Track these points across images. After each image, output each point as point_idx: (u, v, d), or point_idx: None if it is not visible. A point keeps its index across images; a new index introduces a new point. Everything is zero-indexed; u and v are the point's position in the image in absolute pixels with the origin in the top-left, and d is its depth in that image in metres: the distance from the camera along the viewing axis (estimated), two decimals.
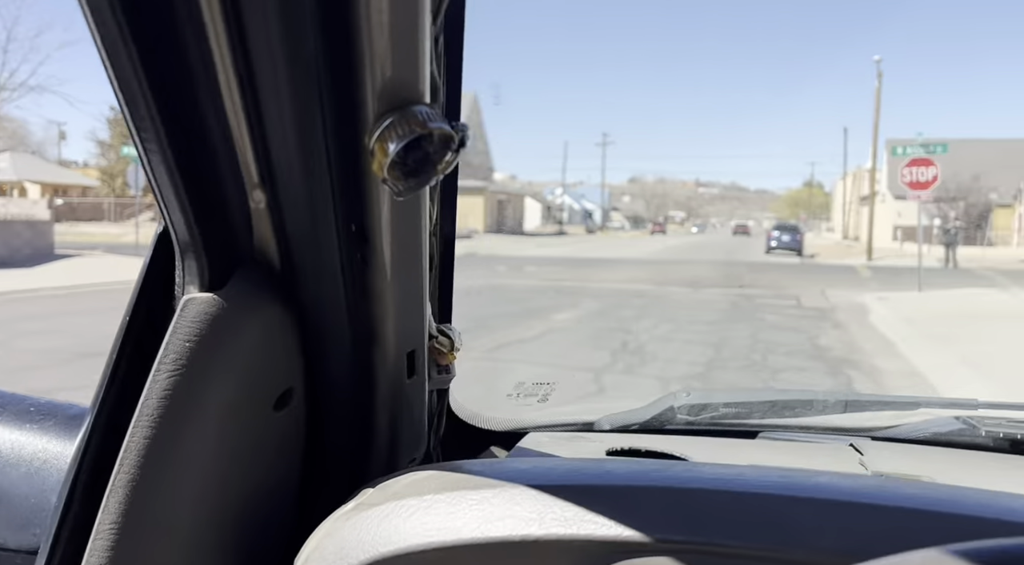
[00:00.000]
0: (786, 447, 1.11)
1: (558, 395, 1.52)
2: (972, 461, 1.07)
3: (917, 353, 8.19)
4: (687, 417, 1.19)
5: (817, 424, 1.18)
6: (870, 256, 30.64)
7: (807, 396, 1.27)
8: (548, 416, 1.29)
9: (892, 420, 1.18)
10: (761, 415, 1.20)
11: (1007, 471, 1.05)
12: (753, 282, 18.45)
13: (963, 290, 14.97)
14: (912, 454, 1.08)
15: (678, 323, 10.35)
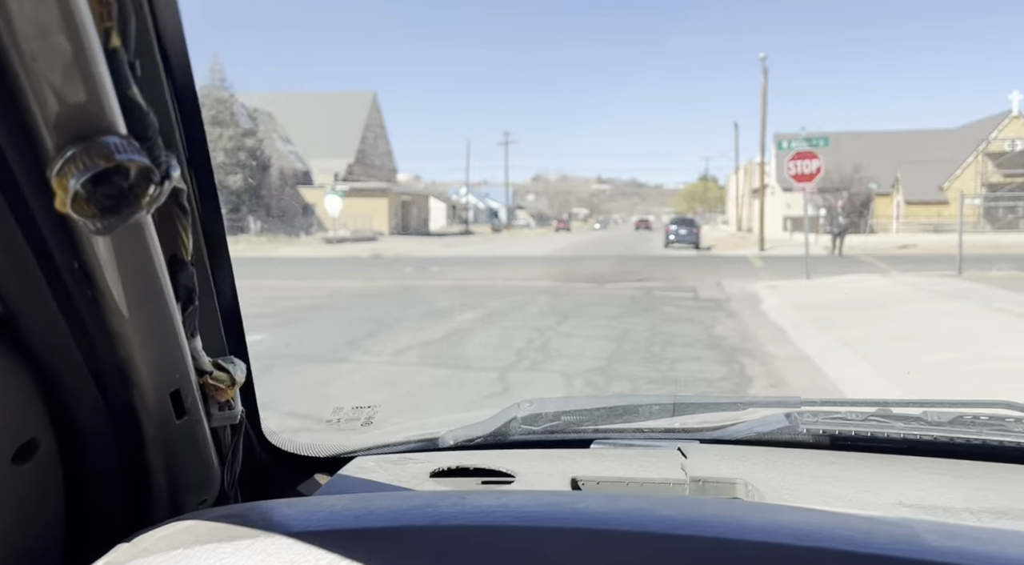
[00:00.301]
0: (615, 454, 1.13)
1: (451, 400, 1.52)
2: (791, 459, 1.10)
3: (805, 339, 8.61)
4: (530, 427, 1.20)
5: (653, 427, 1.21)
6: (762, 247, 32.03)
7: (641, 400, 1.31)
8: (389, 435, 1.28)
9: (722, 421, 1.22)
10: (599, 421, 1.23)
11: (821, 467, 1.08)
12: (652, 275, 18.98)
13: (847, 277, 15.83)
14: (734, 455, 1.11)
15: (582, 319, 10.53)
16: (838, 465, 1.08)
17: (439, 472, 1.08)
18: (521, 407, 1.26)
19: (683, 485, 1.03)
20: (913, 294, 11.53)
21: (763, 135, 32.94)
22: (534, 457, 1.12)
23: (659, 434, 1.20)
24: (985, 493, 0.98)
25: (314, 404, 5.45)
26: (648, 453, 1.13)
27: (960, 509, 0.93)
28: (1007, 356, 6.55)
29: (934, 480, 1.03)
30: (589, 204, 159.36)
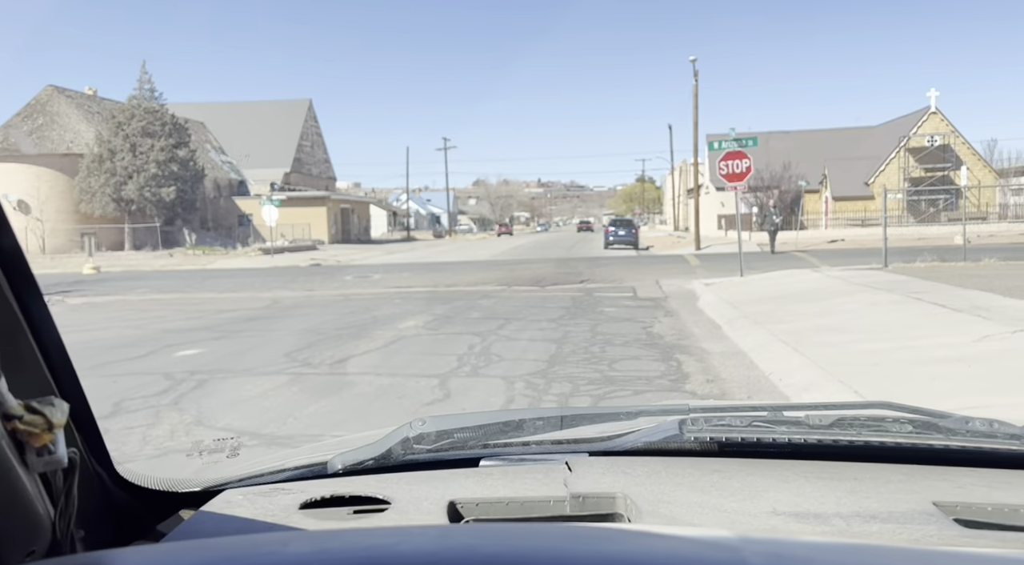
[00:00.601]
0: (501, 472, 1.13)
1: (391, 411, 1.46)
2: (675, 469, 1.11)
3: (740, 334, 8.83)
4: (421, 447, 1.19)
5: (542, 440, 1.21)
6: (699, 245, 32.65)
7: (533, 414, 1.30)
8: (271, 463, 1.23)
9: (613, 431, 1.22)
10: (490, 437, 1.23)
11: (704, 476, 1.09)
12: (593, 277, 19.17)
13: (780, 272, 16.26)
14: (619, 468, 1.11)
15: (523, 322, 10.59)
16: (720, 473, 1.09)
17: (310, 503, 1.05)
18: (413, 426, 1.25)
19: (563, 502, 1.03)
20: (842, 287, 11.92)
21: (695, 136, 33.60)
22: (417, 480, 1.11)
23: (549, 447, 1.19)
24: (857, 496, 1.01)
25: (251, 419, 5.36)
26: (534, 469, 1.13)
27: (832, 514, 0.96)
28: (929, 344, 6.83)
29: (812, 485, 1.05)
30: (530, 207, 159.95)
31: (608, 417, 1.34)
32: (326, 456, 1.22)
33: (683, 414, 1.25)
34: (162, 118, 43.35)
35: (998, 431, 1.15)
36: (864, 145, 52.32)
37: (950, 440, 1.13)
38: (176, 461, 4.42)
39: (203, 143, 55.49)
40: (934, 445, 1.12)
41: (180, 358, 8.15)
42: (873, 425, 1.18)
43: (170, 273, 26.64)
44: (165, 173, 42.32)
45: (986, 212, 42.89)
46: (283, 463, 1.24)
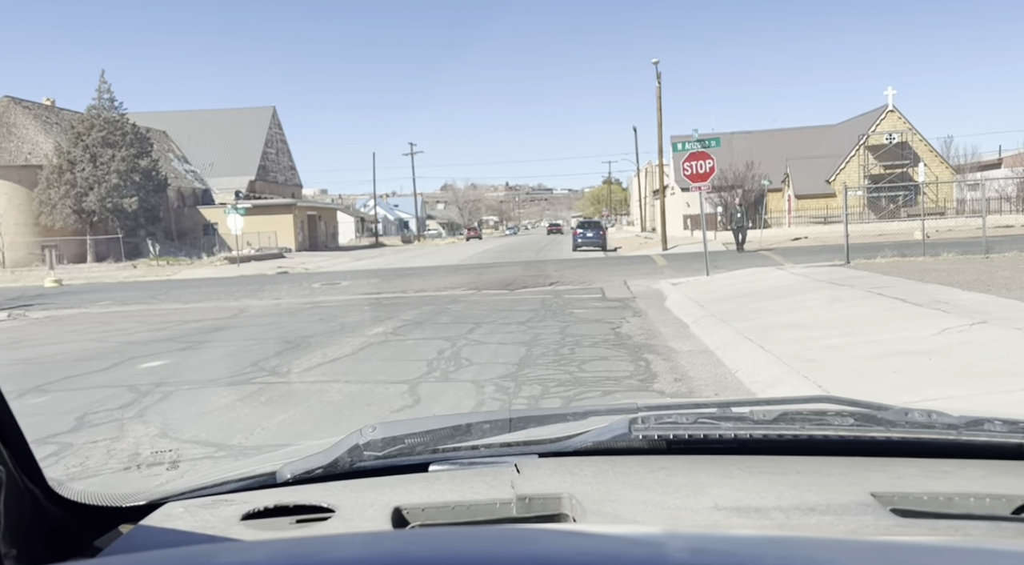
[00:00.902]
0: (449, 477, 1.14)
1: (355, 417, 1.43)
2: (622, 468, 1.12)
3: (707, 332, 8.92)
4: (372, 453, 1.18)
5: (492, 443, 1.21)
6: (665, 246, 32.95)
7: (483, 417, 1.30)
8: (220, 474, 1.22)
9: (562, 432, 1.22)
10: (440, 442, 1.22)
11: (650, 474, 1.10)
12: (562, 279, 19.25)
13: (745, 270, 16.47)
14: (567, 468, 1.12)
15: (493, 325, 10.59)
16: (666, 470, 1.10)
17: (253, 514, 1.04)
18: (363, 433, 1.25)
19: (510, 504, 1.04)
20: (806, 284, 12.11)
21: (660, 138, 33.92)
22: (363, 487, 1.10)
23: (498, 450, 1.20)
24: (799, 489, 1.03)
25: (218, 430, 5.30)
26: (482, 472, 1.13)
27: (772, 508, 0.98)
28: (891, 338, 6.97)
29: (756, 479, 1.07)
30: (499, 211, 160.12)
31: (558, 418, 1.34)
32: (276, 466, 1.21)
33: (632, 413, 1.26)
34: (123, 128, 42.66)
35: (936, 421, 1.17)
36: (825, 144, 53.20)
37: (890, 432, 1.14)
38: (139, 475, 4.35)
39: (166, 152, 54.70)
40: (875, 437, 1.14)
41: (145, 370, 8.03)
42: (816, 419, 1.20)
43: (134, 284, 26.21)
44: (127, 183, 41.64)
45: (944, 207, 43.84)
46: (230, 474, 1.23)
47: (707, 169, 15.39)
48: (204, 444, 4.94)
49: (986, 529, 0.91)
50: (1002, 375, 5.16)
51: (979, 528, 0.91)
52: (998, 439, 1.13)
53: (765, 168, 47.96)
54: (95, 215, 41.36)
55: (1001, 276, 11.64)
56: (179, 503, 1.12)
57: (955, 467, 1.09)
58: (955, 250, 17.89)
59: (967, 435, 1.14)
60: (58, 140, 42.32)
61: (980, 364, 5.55)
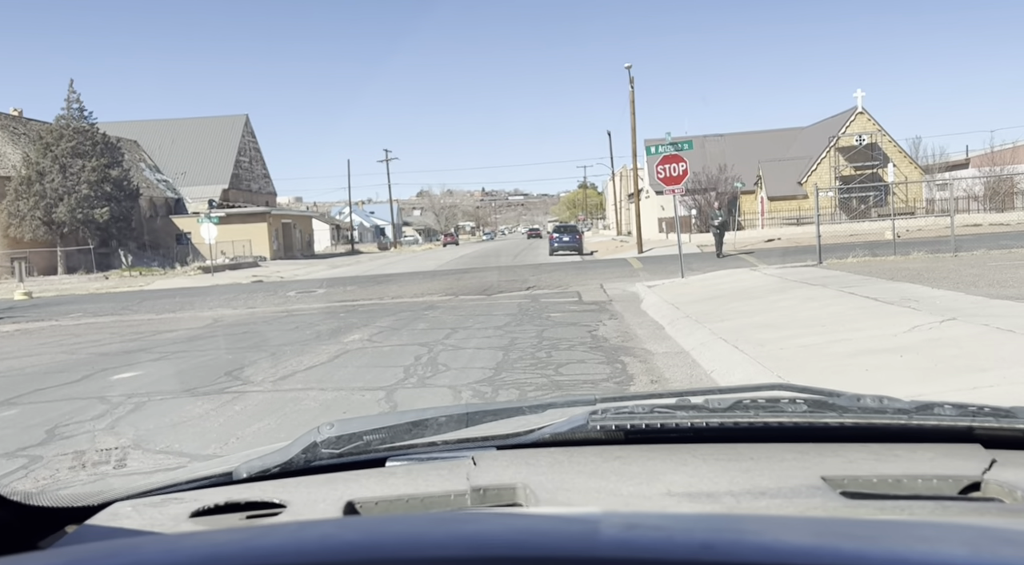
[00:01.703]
0: (405, 471, 1.13)
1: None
2: (578, 458, 1.12)
3: (682, 334, 8.98)
4: (329, 450, 1.17)
5: (449, 439, 1.21)
6: (641, 249, 33.13)
7: (441, 412, 1.29)
8: (174, 475, 1.20)
9: (521, 426, 1.22)
10: (397, 438, 1.21)
11: (605, 463, 1.10)
12: (539, 283, 19.28)
13: (719, 272, 16.60)
14: (523, 460, 1.12)
15: (470, 330, 10.58)
16: (622, 459, 1.11)
17: (203, 511, 1.03)
18: (321, 431, 1.23)
19: (464, 496, 1.04)
20: (779, 285, 12.23)
21: (634, 142, 34.12)
22: (316, 483, 1.09)
23: (456, 445, 1.19)
24: (751, 475, 1.04)
25: (191, 440, 5.24)
26: (439, 466, 1.13)
27: (723, 493, 0.99)
28: (863, 336, 7.06)
29: (710, 466, 1.08)
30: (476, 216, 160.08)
31: (517, 412, 1.34)
32: (232, 466, 1.20)
33: (590, 405, 1.26)
34: (93, 138, 42.12)
35: (887, 407, 1.19)
36: (796, 146, 53.83)
37: (842, 417, 1.15)
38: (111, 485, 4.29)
39: (137, 162, 54.07)
40: (828, 423, 1.15)
41: (117, 381, 7.92)
42: (770, 406, 1.21)
43: (106, 296, 25.85)
44: (98, 194, 41.09)
45: (914, 207, 44.51)
46: (184, 475, 1.22)
47: (680, 172, 15.50)
48: (178, 455, 4.88)
49: (931, 509, 0.92)
50: (971, 371, 5.24)
51: (925, 508, 0.92)
52: (947, 423, 1.15)
53: (738, 170, 48.42)
54: (65, 226, 40.76)
55: (969, 274, 11.84)
56: (128, 502, 1.11)
57: (906, 451, 1.11)
58: (925, 249, 18.17)
59: (918, 419, 1.15)
60: (26, 151, 41.70)
61: (950, 360, 5.64)
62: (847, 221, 41.94)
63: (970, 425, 1.14)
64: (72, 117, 42.43)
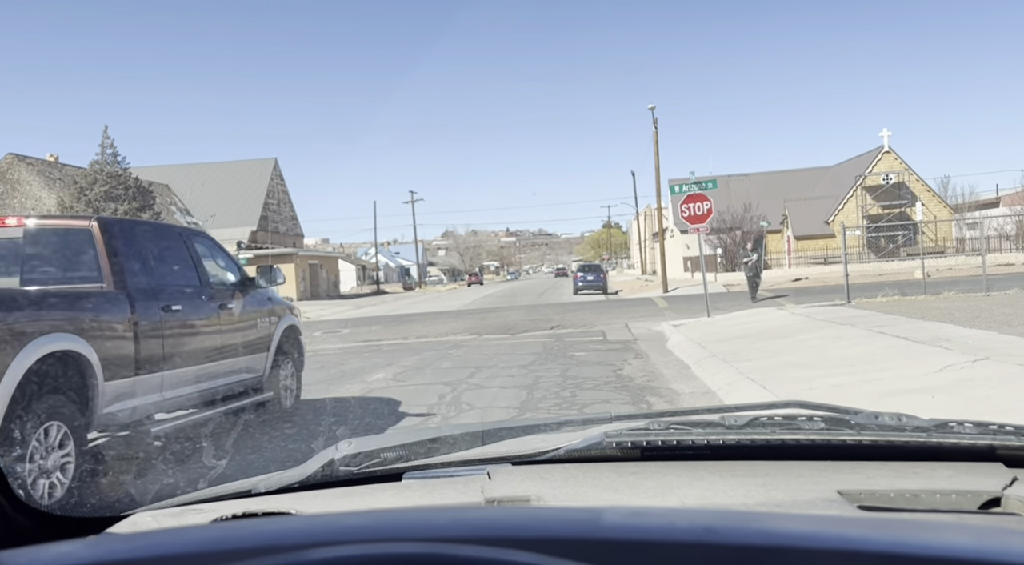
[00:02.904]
0: (420, 485, 1.14)
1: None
2: (593, 473, 1.12)
3: (708, 373, 8.88)
4: (347, 468, 1.19)
5: (465, 457, 1.21)
6: (666, 288, 32.99)
7: (457, 431, 1.30)
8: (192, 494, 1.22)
9: (537, 444, 1.22)
10: (414, 455, 1.22)
11: (620, 477, 1.10)
12: (563, 322, 19.22)
13: (745, 311, 16.45)
14: (538, 475, 1.12)
15: (494, 369, 10.55)
16: (637, 474, 1.10)
17: (220, 520, 1.04)
18: (339, 448, 1.24)
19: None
20: (807, 324, 12.08)
21: (658, 181, 34.23)
22: (334, 496, 1.11)
23: (472, 462, 1.20)
24: (767, 489, 1.03)
25: None
26: (454, 481, 1.14)
27: (737, 505, 0.98)
28: (893, 376, 6.93)
29: (725, 481, 1.07)
30: (500, 256, 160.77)
31: (532, 429, 1.33)
32: (252, 484, 1.22)
33: (606, 423, 1.25)
34: (125, 182, 43.11)
35: (906, 424, 1.17)
36: (822, 185, 53.64)
37: (860, 435, 1.14)
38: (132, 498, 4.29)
39: (168, 205, 55.19)
40: (846, 440, 1.13)
41: None
42: (786, 423, 1.20)
43: None
44: None
45: (944, 246, 43.96)
46: (204, 492, 1.24)
47: (705, 211, 15.49)
48: None
49: (950, 522, 0.90)
50: (1008, 413, 5.11)
51: (943, 521, 0.91)
52: (968, 441, 1.12)
53: (763, 210, 48.29)
54: None
55: (1002, 313, 11.62)
56: (147, 513, 1.12)
57: (925, 469, 1.09)
58: (956, 288, 17.89)
59: (937, 437, 1.13)
60: (61, 195, 42.75)
61: (984, 401, 5.51)
62: (875, 260, 41.47)
63: (991, 443, 1.11)
64: (106, 162, 43.53)
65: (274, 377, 7.37)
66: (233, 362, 6.61)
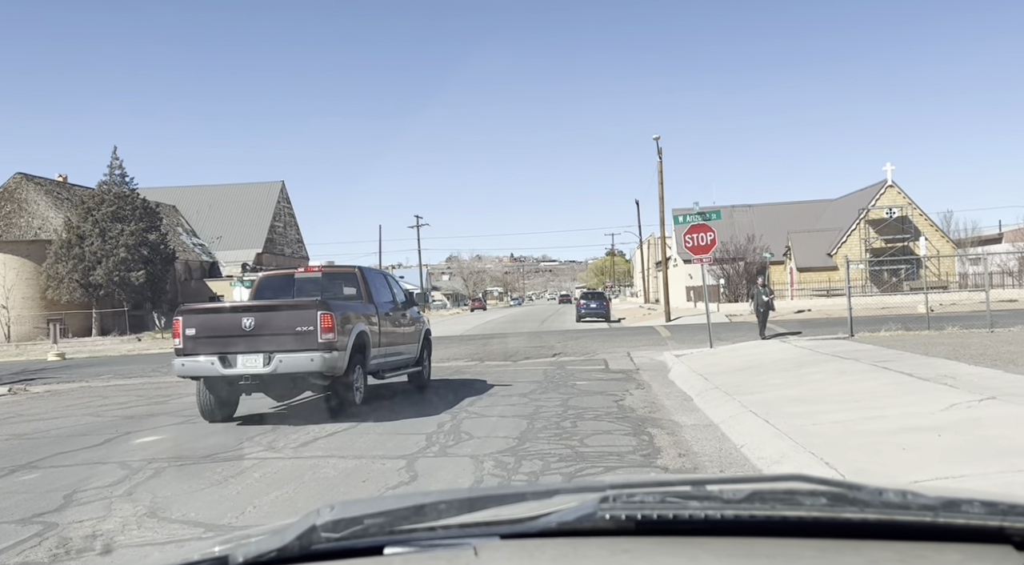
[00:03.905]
0: (403, 561, 1.10)
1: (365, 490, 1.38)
2: (584, 551, 1.07)
3: (711, 406, 8.78)
4: (328, 535, 1.15)
5: (451, 524, 1.18)
6: (668, 317, 32.87)
7: (445, 497, 1.27)
8: (169, 558, 1.19)
9: (526, 512, 1.18)
10: (399, 522, 1.19)
11: (612, 557, 1.05)
12: (565, 350, 19.12)
13: (748, 343, 16.36)
14: (527, 552, 1.08)
15: (495, 397, 10.46)
16: (630, 553, 1.06)
17: None
18: (321, 513, 1.20)
19: None
20: (810, 357, 11.99)
21: (662, 211, 34.27)
22: None
23: (458, 531, 1.17)
24: None
25: (207, 509, 5.16)
26: (439, 556, 1.10)
27: None
28: (898, 413, 6.84)
29: (722, 563, 1.03)
30: (503, 282, 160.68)
31: (522, 497, 1.30)
32: (229, 548, 1.17)
33: (600, 491, 1.22)
34: (133, 202, 43.30)
35: (911, 502, 1.14)
36: (825, 217, 53.67)
37: (864, 513, 1.11)
38: (124, 556, 4.20)
39: (175, 226, 55.39)
40: (850, 518, 1.10)
41: (139, 446, 7.89)
42: (787, 498, 1.17)
43: (137, 357, 26.13)
44: (135, 257, 42.00)
45: (947, 281, 43.84)
46: (179, 559, 1.18)
47: (708, 241, 15.47)
48: (193, 524, 4.79)
49: None
50: (1016, 454, 5.02)
51: None
52: (976, 522, 1.09)
53: (766, 241, 48.27)
54: (102, 289, 41.57)
55: (1007, 351, 11.52)
56: None
57: (932, 552, 1.05)
58: (959, 324, 17.79)
59: (944, 517, 1.09)
60: (68, 215, 42.90)
61: (991, 442, 5.42)
62: (878, 294, 41.35)
63: (1000, 525, 1.07)
64: (114, 182, 43.76)
65: (420, 359, 12.08)
66: (405, 347, 11.38)
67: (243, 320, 8.54)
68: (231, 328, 8.56)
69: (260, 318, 8.53)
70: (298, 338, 8.44)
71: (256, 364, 8.47)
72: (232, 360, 8.52)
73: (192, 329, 8.72)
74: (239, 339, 8.51)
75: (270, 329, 8.50)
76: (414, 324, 11.78)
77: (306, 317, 8.48)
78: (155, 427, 9.12)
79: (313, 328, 8.44)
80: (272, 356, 8.44)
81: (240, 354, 8.50)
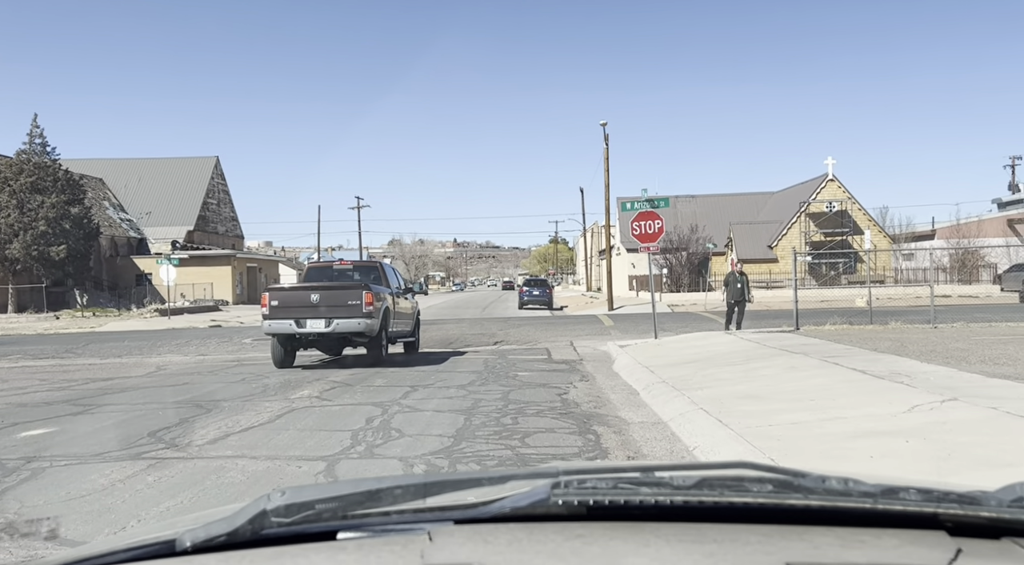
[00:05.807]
0: (356, 546, 1.11)
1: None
2: (538, 535, 1.10)
3: (659, 401, 8.31)
4: (280, 520, 1.15)
5: (405, 509, 1.19)
6: (611, 306, 32.62)
7: (400, 482, 1.26)
8: (112, 542, 1.20)
9: (481, 497, 1.20)
10: (351, 507, 1.18)
11: (566, 542, 1.08)
12: (507, 338, 18.57)
13: (693, 334, 16.04)
14: (481, 536, 1.11)
15: (431, 389, 9.82)
16: (583, 538, 1.09)
17: None
18: (271, 498, 1.18)
19: None
20: (758, 351, 11.65)
21: (607, 199, 33.95)
22: (264, 558, 1.09)
23: (411, 517, 1.19)
24: (715, 559, 1.02)
25: (83, 522, 4.38)
26: (392, 541, 1.12)
27: None
28: (858, 415, 6.44)
29: (672, 548, 1.06)
30: (446, 267, 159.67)
31: (477, 482, 1.32)
32: (176, 532, 1.17)
33: (553, 477, 1.22)
34: (54, 174, 41.04)
35: (852, 489, 1.19)
36: (766, 209, 54.31)
37: (808, 500, 1.16)
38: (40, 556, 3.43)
39: (100, 200, 52.84)
40: (794, 505, 1.15)
41: (23, 439, 6.99)
42: (735, 485, 1.21)
43: (53, 337, 24.61)
44: (55, 231, 39.83)
45: (883, 276, 44.80)
46: (122, 543, 1.19)
47: (656, 229, 15.04)
48: (60, 542, 4.03)
49: None
50: (994, 465, 4.61)
51: None
52: (912, 508, 1.15)
53: (709, 231, 48.60)
54: (19, 263, 39.36)
55: (956, 348, 11.37)
56: None
57: (871, 537, 1.11)
58: (900, 318, 17.86)
59: (882, 504, 1.15)
60: None
61: (965, 449, 5.01)
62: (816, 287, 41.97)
63: (935, 511, 1.14)
64: (34, 152, 41.40)
65: (415, 332, 15.67)
66: (406, 322, 14.71)
67: (311, 296, 12.25)
68: (303, 301, 12.26)
69: (323, 295, 12.23)
70: (349, 309, 12.06)
71: (320, 325, 12.14)
72: (303, 322, 12.14)
73: (276, 301, 12.33)
74: (308, 308, 12.15)
75: (329, 302, 12.13)
76: (412, 306, 15.58)
77: (355, 294, 12.20)
78: (48, 417, 8.19)
79: (359, 302, 12.08)
80: (331, 321, 12.08)
81: (309, 319, 12.12)
